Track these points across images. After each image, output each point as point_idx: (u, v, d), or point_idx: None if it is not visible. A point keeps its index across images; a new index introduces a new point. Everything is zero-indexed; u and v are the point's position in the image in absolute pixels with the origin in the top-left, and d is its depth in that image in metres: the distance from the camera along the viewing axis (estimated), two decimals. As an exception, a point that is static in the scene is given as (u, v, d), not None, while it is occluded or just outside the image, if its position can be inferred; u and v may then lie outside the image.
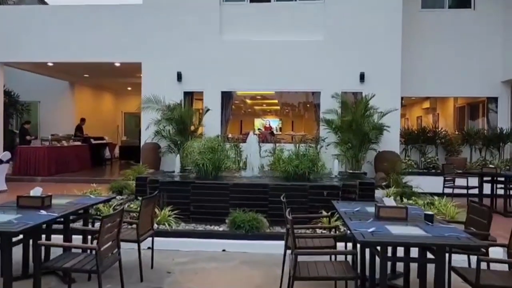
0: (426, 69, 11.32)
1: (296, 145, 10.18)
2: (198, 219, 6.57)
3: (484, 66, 11.22)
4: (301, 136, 10.78)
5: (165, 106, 10.31)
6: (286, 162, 7.25)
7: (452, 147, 10.85)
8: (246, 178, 7.47)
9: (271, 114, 23.91)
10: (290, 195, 6.43)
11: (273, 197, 6.53)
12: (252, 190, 6.68)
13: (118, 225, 3.88)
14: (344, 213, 4.17)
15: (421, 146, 11.16)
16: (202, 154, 7.45)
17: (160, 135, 10.36)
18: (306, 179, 7.16)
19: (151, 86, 10.83)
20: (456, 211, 6.49)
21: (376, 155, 10.15)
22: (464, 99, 13.47)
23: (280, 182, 6.85)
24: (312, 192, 6.56)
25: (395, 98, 10.53)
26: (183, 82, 11.10)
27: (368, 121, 9.81)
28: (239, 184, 6.79)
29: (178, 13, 11.09)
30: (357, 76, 10.65)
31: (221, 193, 6.68)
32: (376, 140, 9.77)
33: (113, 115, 19.59)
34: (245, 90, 11.53)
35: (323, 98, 10.75)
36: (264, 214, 6.35)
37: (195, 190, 6.72)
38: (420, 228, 3.59)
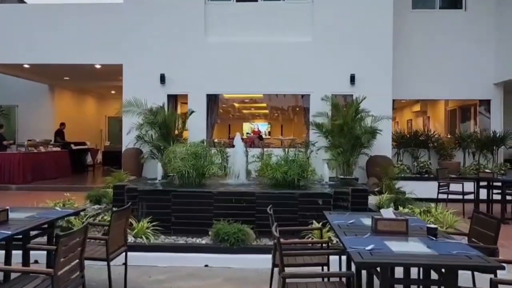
0: (417, 71, 11.02)
1: (285, 150, 9.77)
2: (180, 230, 6.11)
3: (476, 68, 10.96)
4: (290, 141, 10.38)
5: (147, 110, 9.82)
6: (274, 169, 6.83)
7: (445, 151, 10.54)
8: (232, 186, 7.02)
9: (260, 118, 23.57)
10: (279, 204, 6.03)
11: (260, 206, 6.09)
12: (237, 199, 6.23)
13: (82, 243, 3.40)
14: (337, 227, 3.75)
15: (413, 150, 10.83)
16: (185, 161, 7.00)
17: (142, 140, 9.86)
18: (295, 186, 6.75)
19: (132, 89, 10.33)
20: (454, 219, 6.12)
21: (368, 160, 9.78)
22: (456, 102, 13.22)
23: (267, 190, 6.42)
24: (302, 201, 6.13)
25: (387, 100, 10.20)
26: (166, 84, 10.62)
27: (359, 124, 9.45)
28: (224, 192, 6.34)
29: (161, 13, 10.63)
30: (347, 78, 10.30)
31: (204, 202, 6.23)
32: (368, 145, 9.40)
33: (97, 119, 18.98)
34: (231, 93, 11.10)
35: (313, 101, 10.37)
36: (251, 224, 5.91)
37: (176, 199, 6.25)
38: (424, 244, 3.18)
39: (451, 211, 6.43)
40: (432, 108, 15.21)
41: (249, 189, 6.60)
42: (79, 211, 4.60)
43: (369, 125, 9.41)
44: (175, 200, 6.24)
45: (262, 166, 9.64)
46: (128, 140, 10.16)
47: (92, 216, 6.16)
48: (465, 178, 8.49)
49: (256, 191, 6.25)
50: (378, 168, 9.22)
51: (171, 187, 6.79)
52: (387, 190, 8.50)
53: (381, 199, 7.87)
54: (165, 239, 5.73)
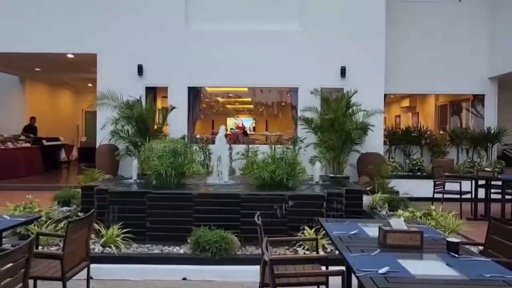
0: (408, 65, 10.52)
1: (272, 147, 9.17)
2: (156, 237, 5.47)
3: (470, 62, 10.53)
4: (277, 137, 9.78)
5: (123, 103, 9.07)
6: (261, 167, 6.22)
7: (438, 148, 10.09)
8: (214, 187, 6.39)
9: (244, 113, 22.93)
10: (266, 207, 5.45)
11: (246, 209, 5.50)
12: (220, 201, 5.61)
13: (25, 264, 2.72)
14: (338, 240, 3.16)
15: (406, 147, 10.36)
16: (162, 159, 6.33)
17: (117, 135, 9.12)
18: (284, 186, 6.16)
19: (107, 81, 9.57)
20: (457, 223, 5.62)
21: (359, 157, 9.26)
22: (446, 97, 12.83)
23: (253, 192, 5.81)
24: (292, 203, 5.54)
25: (379, 94, 9.69)
26: (144, 76, 9.89)
27: (350, 120, 8.90)
28: (205, 194, 5.71)
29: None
30: (337, 71, 9.74)
31: (183, 205, 5.59)
32: (359, 141, 8.87)
33: (73, 114, 18.04)
34: (214, 85, 10.42)
35: (301, 95, 9.78)
36: (235, 230, 5.30)
37: (152, 202, 5.60)
38: (445, 263, 2.61)
39: (452, 213, 5.92)
40: (421, 103, 14.82)
41: (233, 190, 5.99)
42: (32, 219, 3.89)
43: (361, 120, 8.87)
44: (151, 203, 5.59)
45: (247, 164, 9.04)
46: (103, 135, 9.41)
47: (56, 222, 5.44)
48: (462, 176, 8.03)
49: (241, 193, 5.64)
50: (370, 166, 8.71)
51: (146, 188, 6.13)
52: (380, 190, 8.00)
53: (374, 199, 7.36)
54: (138, 247, 5.07)
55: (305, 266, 3.59)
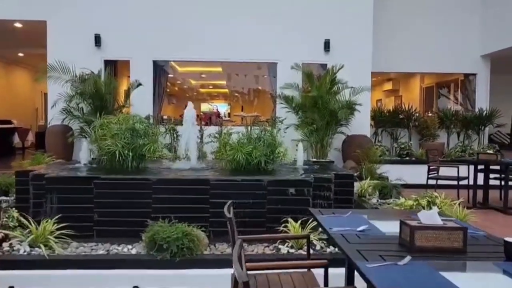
0: (396, 42, 9.68)
1: (248, 128, 8.17)
2: (106, 233, 4.45)
3: (461, 39, 9.77)
4: (254, 118, 8.77)
5: (77, 77, 7.85)
6: (235, 148, 5.24)
7: (428, 131, 9.32)
8: (180, 171, 5.36)
9: (219, 98, 21.87)
10: (241, 195, 4.50)
11: (216, 197, 4.53)
12: (185, 188, 4.60)
13: None
14: (342, 239, 2.21)
15: (393, 130, 9.55)
16: (116, 138, 5.26)
17: (70, 114, 7.92)
18: (262, 171, 5.22)
19: (59, 52, 8.30)
20: (465, 213, 4.79)
21: (345, 140, 8.38)
22: (433, 78, 12.13)
23: (225, 177, 4.83)
24: (272, 191, 4.58)
25: (365, 71, 8.80)
26: (103, 47, 8.66)
27: (335, 98, 8.00)
28: (166, 180, 4.68)
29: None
30: (320, 45, 8.78)
31: (139, 193, 4.56)
32: (345, 122, 7.99)
33: (31, 96, 16.46)
34: (184, 59, 9.26)
35: (281, 71, 8.79)
36: (203, 224, 4.33)
37: (100, 190, 4.54)
38: (508, 276, 1.71)
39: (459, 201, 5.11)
40: (405, 86, 14.10)
41: (201, 175, 4.98)
42: None
43: (347, 99, 7.98)
44: (99, 191, 4.53)
45: (220, 147, 8.03)
46: (54, 115, 8.18)
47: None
48: (461, 160, 7.28)
49: (211, 178, 4.64)
50: (356, 149, 7.84)
51: (94, 173, 5.05)
52: (369, 176, 7.16)
53: (362, 186, 6.50)
54: (79, 247, 4.00)
55: (293, 275, 2.65)
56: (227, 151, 5.48)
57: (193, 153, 5.84)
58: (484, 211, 6.46)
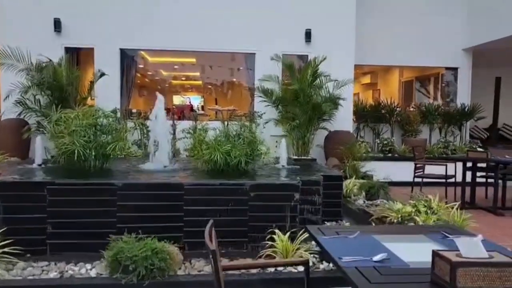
0: (377, 35, 9.28)
1: (225, 123, 7.60)
2: (62, 247, 3.85)
3: (444, 32, 9.47)
4: (230, 112, 8.20)
5: (33, 65, 7.04)
6: (212, 147, 4.69)
7: (410, 126, 9.01)
8: (149, 174, 4.77)
9: (192, 91, 21.06)
10: (219, 201, 3.97)
11: (191, 204, 3.99)
12: (156, 194, 4.01)
13: None
14: (361, 278, 1.71)
15: (375, 125, 9.20)
16: (75, 135, 4.60)
17: (25, 107, 7.11)
18: (242, 172, 4.70)
19: (14, 37, 7.43)
20: (463, 217, 4.42)
21: (327, 136, 7.94)
22: (412, 72, 11.86)
23: (201, 181, 4.27)
24: (255, 196, 4.06)
25: (348, 64, 8.39)
26: (63, 33, 7.85)
27: (317, 92, 7.53)
28: (133, 185, 4.07)
29: None
30: (301, 35, 8.28)
31: (102, 201, 3.95)
32: (328, 117, 7.54)
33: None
34: (153, 48, 8.51)
35: (259, 62, 8.24)
36: (177, 234, 3.79)
37: (55, 197, 3.90)
38: None
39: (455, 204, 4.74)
40: (383, 80, 13.81)
41: (173, 179, 4.40)
42: None
43: (330, 93, 7.52)
44: (53, 199, 3.89)
45: (194, 144, 7.42)
46: (8, 108, 7.34)
47: None
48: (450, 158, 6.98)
49: (185, 183, 4.07)
50: (340, 146, 7.41)
51: (48, 176, 4.39)
52: (353, 174, 6.77)
53: (347, 186, 6.07)
54: (27, 267, 3.35)
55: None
56: (202, 150, 4.91)
57: (165, 151, 5.23)
58: (475, 212, 6.17)
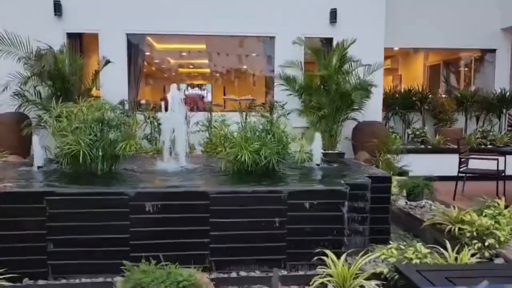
0: (407, 15, 8.45)
1: (243, 114, 6.91)
2: (66, 269, 3.24)
3: (479, 10, 8.61)
4: (249, 102, 7.45)
5: (32, 53, 6.34)
6: (238, 145, 3.99)
7: (445, 115, 8.22)
8: (165, 177, 4.10)
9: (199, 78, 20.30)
10: (251, 212, 3.31)
11: (218, 216, 3.34)
12: (176, 205, 3.35)
13: None
14: None
15: (405, 114, 8.43)
16: (79, 133, 3.95)
17: (24, 99, 6.45)
18: (273, 174, 4.03)
19: (11, 22, 6.71)
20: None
21: (356, 128, 7.20)
22: (439, 56, 11.00)
23: (231, 188, 3.57)
24: (296, 206, 3.38)
25: (377, 46, 7.58)
26: (65, 18, 7.12)
27: (345, 78, 6.79)
28: (148, 194, 3.40)
29: None
30: (326, 15, 7.48)
31: (112, 213, 3.31)
32: (358, 106, 6.80)
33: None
34: (162, 32, 7.71)
35: (279, 46, 7.47)
36: (200, 255, 3.14)
37: (55, 210, 3.26)
38: None
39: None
40: (405, 64, 12.94)
41: (196, 184, 3.73)
42: None
43: (361, 78, 6.78)
44: (54, 212, 3.26)
45: (211, 138, 6.75)
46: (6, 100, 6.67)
47: None
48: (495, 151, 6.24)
49: (211, 190, 3.39)
50: (371, 138, 6.70)
51: (48, 184, 3.74)
52: (387, 170, 6.04)
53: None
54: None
55: None
56: (226, 148, 4.23)
57: (182, 149, 4.56)
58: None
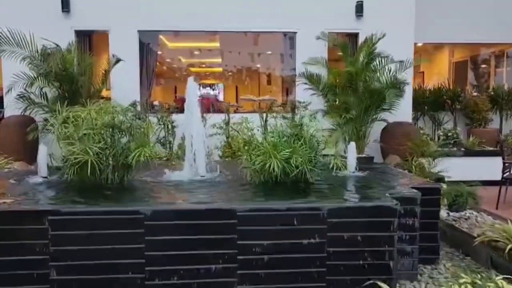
0: (438, 8, 7.88)
1: (262, 116, 6.43)
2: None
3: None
4: (270, 102, 6.94)
5: (37, 52, 5.93)
6: (266, 152, 3.51)
7: (478, 115, 7.64)
8: (183, 190, 3.62)
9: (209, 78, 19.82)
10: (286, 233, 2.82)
11: (247, 238, 2.86)
12: (197, 225, 2.87)
13: None
14: None
15: (435, 114, 7.86)
16: (86, 140, 3.50)
17: (29, 102, 6.04)
18: (305, 184, 3.54)
19: (16, 20, 6.33)
20: None
21: (385, 129, 6.66)
22: (466, 51, 10.41)
23: (262, 205, 3.06)
24: (338, 226, 2.88)
25: (407, 42, 7.04)
26: (73, 15, 6.71)
27: (374, 76, 6.26)
28: (166, 212, 2.92)
29: None
30: (351, 8, 6.96)
31: (125, 235, 2.84)
32: (389, 106, 6.26)
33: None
34: (177, 29, 7.27)
35: (301, 42, 6.97)
36: (227, 283, 2.66)
37: (59, 231, 2.80)
38: None
39: None
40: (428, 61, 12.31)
41: (221, 199, 3.24)
42: None
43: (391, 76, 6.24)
44: (58, 233, 2.79)
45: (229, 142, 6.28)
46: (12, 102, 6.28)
47: None
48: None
49: (239, 208, 2.89)
50: (401, 140, 6.16)
51: (53, 197, 3.30)
52: (421, 175, 5.50)
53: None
54: None
55: None
56: (251, 156, 3.73)
57: (201, 157, 4.08)
58: None
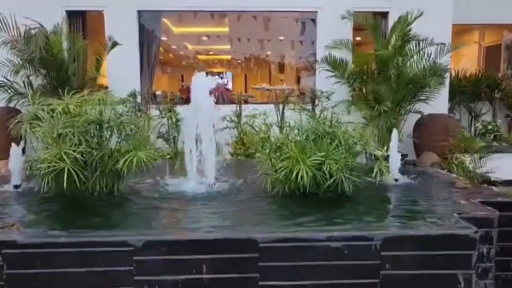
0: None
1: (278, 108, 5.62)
2: None
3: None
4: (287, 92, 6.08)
5: (22, 36, 5.14)
6: (294, 157, 2.72)
7: (522, 105, 6.80)
8: (187, 204, 2.84)
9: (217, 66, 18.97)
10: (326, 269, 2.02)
11: (272, 277, 2.07)
12: (203, 261, 2.09)
13: None
14: None
15: (471, 104, 6.99)
16: (64, 142, 2.75)
17: (11, 91, 5.29)
18: (342, 197, 2.76)
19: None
20: None
21: (418, 123, 5.81)
22: (498, 35, 9.44)
23: (291, 234, 2.24)
24: (395, 261, 2.09)
25: (444, 22, 6.17)
26: (64, -8, 5.93)
27: (410, 61, 5.41)
28: (162, 244, 2.13)
29: None
30: (380, -16, 6.09)
31: (107, 275, 2.06)
32: (427, 96, 5.42)
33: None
34: (179, 8, 6.41)
35: (322, 24, 6.12)
36: None
37: (16, 270, 2.03)
38: None
39: None
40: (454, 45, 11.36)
41: (236, 223, 2.44)
42: None
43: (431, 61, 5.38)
44: (14, 273, 2.02)
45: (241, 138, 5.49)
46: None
47: None
48: None
49: (261, 238, 2.10)
50: (442, 135, 5.33)
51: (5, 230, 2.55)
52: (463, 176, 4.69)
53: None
54: None
55: None
56: (272, 158, 2.95)
57: (210, 161, 3.27)
58: None
